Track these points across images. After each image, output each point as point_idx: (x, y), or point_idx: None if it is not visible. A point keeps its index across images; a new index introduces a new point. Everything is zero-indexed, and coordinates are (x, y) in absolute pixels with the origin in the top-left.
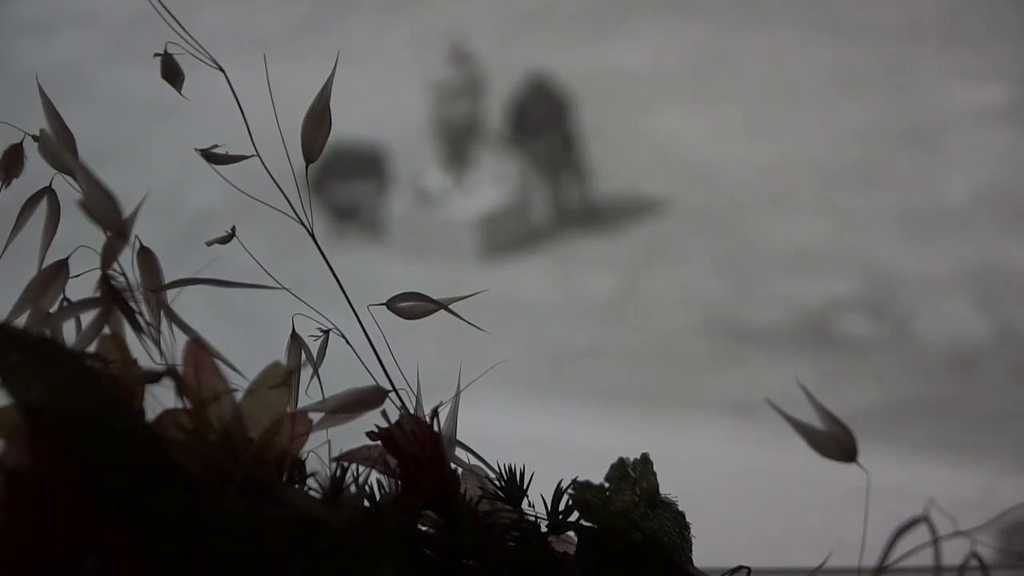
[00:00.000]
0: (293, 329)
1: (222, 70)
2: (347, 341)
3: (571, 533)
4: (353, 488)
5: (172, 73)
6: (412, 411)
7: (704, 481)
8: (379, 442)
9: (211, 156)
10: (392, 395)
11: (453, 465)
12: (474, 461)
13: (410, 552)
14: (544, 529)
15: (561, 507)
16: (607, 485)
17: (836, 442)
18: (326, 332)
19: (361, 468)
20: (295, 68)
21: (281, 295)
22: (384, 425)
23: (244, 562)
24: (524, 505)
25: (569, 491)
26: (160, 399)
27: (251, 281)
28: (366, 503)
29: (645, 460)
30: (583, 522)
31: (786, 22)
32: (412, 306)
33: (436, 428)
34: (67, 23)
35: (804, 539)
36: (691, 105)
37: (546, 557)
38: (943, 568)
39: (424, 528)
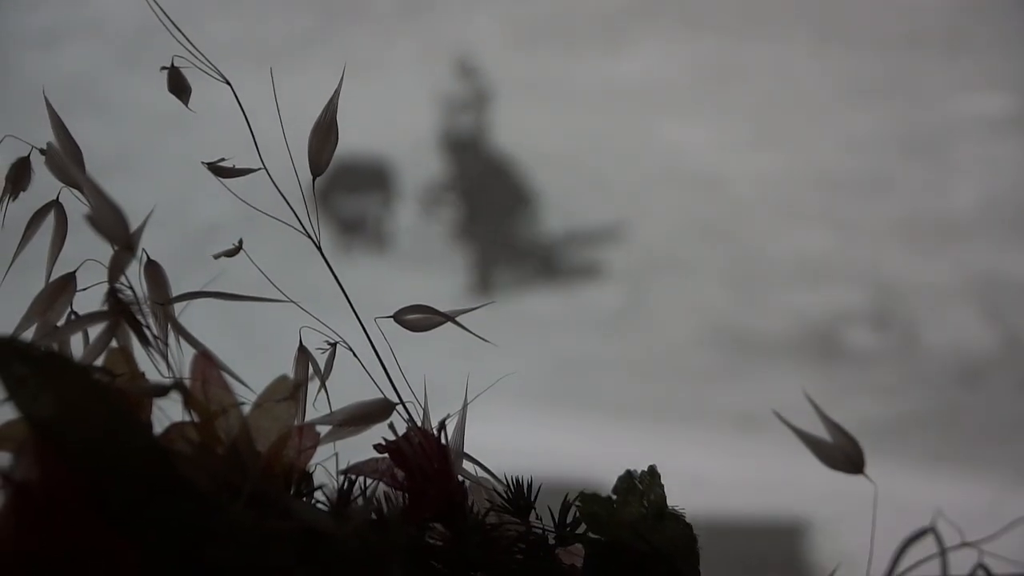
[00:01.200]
0: (300, 342)
1: (228, 83)
2: (354, 354)
3: (578, 545)
4: (360, 501)
5: (179, 86)
6: (419, 424)
7: (711, 493)
8: (386, 455)
9: (218, 169)
10: (399, 408)
11: (460, 477)
12: (481, 473)
13: (417, 564)
14: (551, 541)
15: (568, 519)
16: (614, 497)
17: (843, 453)
18: (333, 345)
19: (368, 481)
20: (302, 80)
21: (288, 308)
22: (391, 438)
23: (252, 574)
24: (531, 517)
25: (576, 503)
26: (168, 412)
27: (258, 294)
28: (373, 516)
29: (652, 472)
30: (590, 534)
31: (792, 33)
32: (419, 318)
33: (443, 441)
34: (73, 35)
35: (811, 551)
36: (696, 116)
37: (553, 569)
38: None
39: (431, 541)
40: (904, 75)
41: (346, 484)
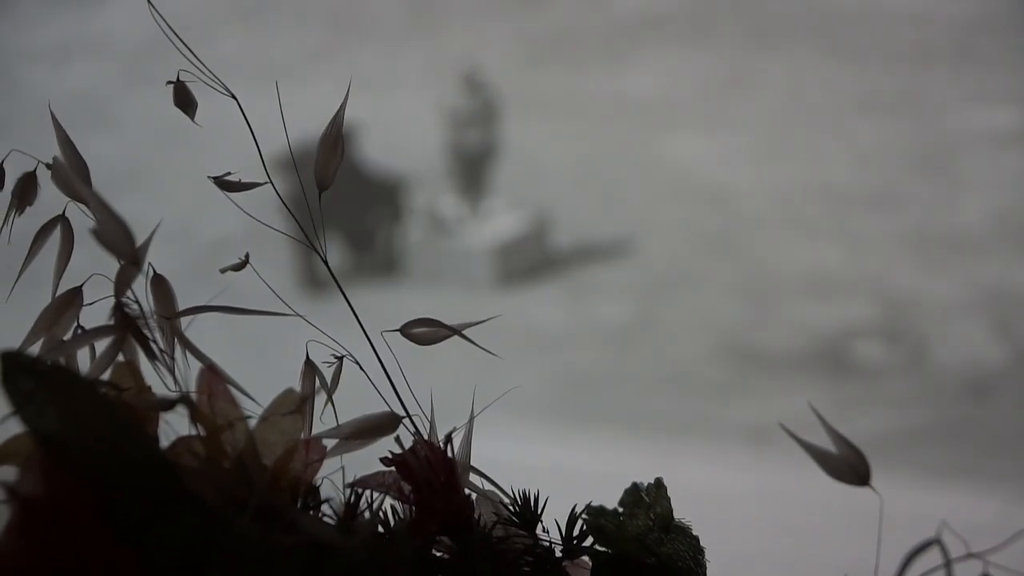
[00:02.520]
0: (307, 355)
1: (234, 98)
2: (361, 367)
3: (585, 558)
4: (367, 514)
5: (184, 101)
6: (426, 437)
7: (718, 506)
8: (393, 468)
9: (224, 183)
10: (406, 421)
11: (467, 491)
12: (488, 487)
13: None
14: (558, 554)
15: (575, 532)
16: (621, 510)
17: (849, 466)
18: (340, 358)
19: (375, 494)
20: (311, 95)
21: (295, 322)
22: (398, 451)
23: None
24: (538, 530)
25: (583, 516)
26: (174, 426)
27: (265, 308)
28: (380, 529)
29: (659, 485)
30: (597, 547)
31: (800, 47)
32: (426, 332)
33: (450, 454)
34: (81, 51)
35: (818, 564)
36: (706, 130)
37: None
38: None
39: (438, 554)
40: (912, 89)
41: (353, 497)
